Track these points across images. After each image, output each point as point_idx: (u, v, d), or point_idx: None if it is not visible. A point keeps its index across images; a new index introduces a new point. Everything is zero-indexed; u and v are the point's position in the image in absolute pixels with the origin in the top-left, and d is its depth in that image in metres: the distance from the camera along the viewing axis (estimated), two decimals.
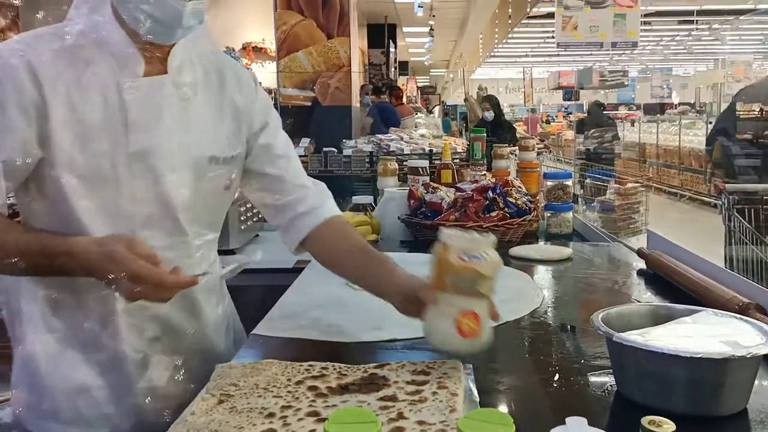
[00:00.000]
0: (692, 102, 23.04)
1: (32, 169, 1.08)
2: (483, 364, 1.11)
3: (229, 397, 0.98)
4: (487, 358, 1.12)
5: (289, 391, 1.00)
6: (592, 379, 1.09)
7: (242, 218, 2.38)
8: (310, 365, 1.09)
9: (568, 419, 0.72)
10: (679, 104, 22.75)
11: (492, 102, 7.78)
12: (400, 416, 0.91)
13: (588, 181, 4.02)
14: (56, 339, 1.15)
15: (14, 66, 1.05)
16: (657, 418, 0.68)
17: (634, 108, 22.61)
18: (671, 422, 0.67)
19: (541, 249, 2.12)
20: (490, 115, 7.61)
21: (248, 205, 2.43)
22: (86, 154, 1.08)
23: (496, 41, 12.44)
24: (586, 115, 10.36)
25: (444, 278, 1.04)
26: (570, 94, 18.50)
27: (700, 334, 0.99)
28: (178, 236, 1.19)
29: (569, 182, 2.59)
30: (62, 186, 1.08)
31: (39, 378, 1.15)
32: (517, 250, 2.05)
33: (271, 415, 0.92)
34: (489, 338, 1.07)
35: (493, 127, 6.86)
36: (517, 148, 3.20)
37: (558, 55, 16.57)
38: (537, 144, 3.31)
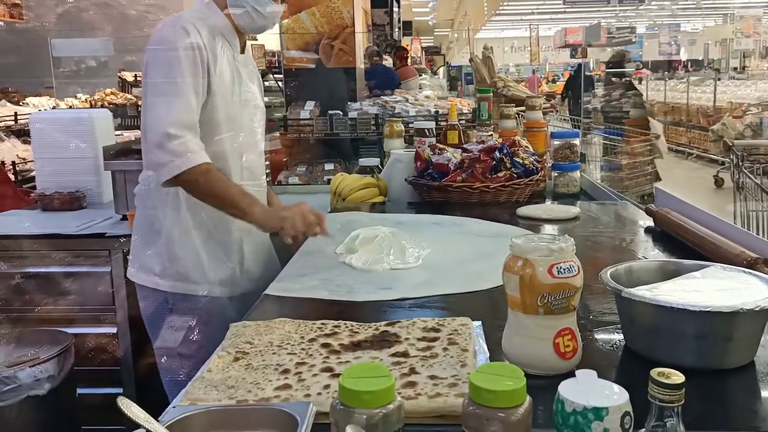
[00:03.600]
0: (701, 58, 22.69)
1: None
2: (492, 321, 1.13)
3: (245, 354, 1.00)
4: (496, 314, 1.13)
5: (302, 349, 1.02)
6: (601, 334, 1.10)
7: None
8: (323, 323, 1.11)
9: (578, 372, 0.73)
10: (688, 60, 22.39)
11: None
12: (413, 371, 0.92)
13: (596, 139, 3.99)
14: (195, 231, 1.71)
15: (195, 45, 1.61)
16: (666, 370, 0.69)
17: (641, 66, 22.28)
18: (680, 374, 0.68)
19: (549, 208, 2.13)
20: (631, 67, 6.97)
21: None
22: (224, 99, 1.68)
23: None
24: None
25: (535, 301, 0.91)
26: (576, 51, 18.24)
27: (708, 289, 1.00)
28: (259, 154, 1.86)
29: (576, 141, 2.57)
30: (214, 122, 1.67)
31: (179, 253, 1.70)
32: (524, 210, 2.06)
33: (286, 371, 0.94)
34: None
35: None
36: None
37: (564, 12, 16.29)
38: (543, 104, 3.28)
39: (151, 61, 1.62)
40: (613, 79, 7.43)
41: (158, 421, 0.77)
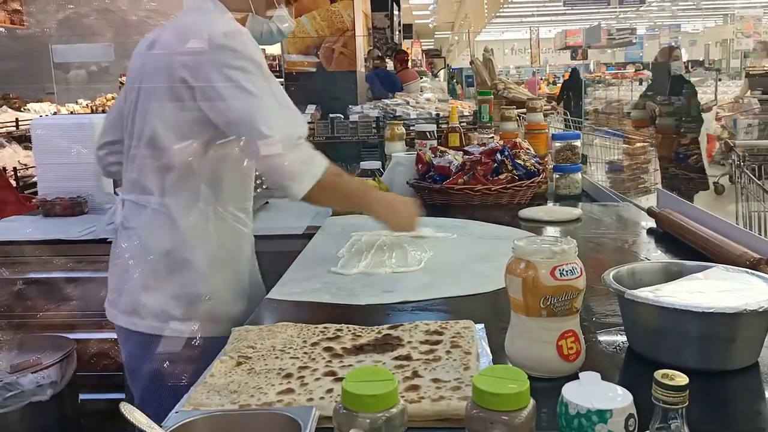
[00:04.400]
0: (701, 59, 22.68)
1: None
2: (495, 323, 1.13)
3: (247, 359, 1.00)
4: (498, 317, 1.13)
5: (305, 353, 1.01)
6: (604, 336, 1.10)
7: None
8: (325, 327, 1.11)
9: (581, 374, 0.73)
10: (689, 61, 22.38)
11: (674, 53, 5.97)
12: (415, 375, 0.92)
13: (597, 141, 3.99)
14: (226, 260, 1.56)
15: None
16: (670, 372, 0.69)
17: (642, 67, 22.25)
18: (684, 375, 0.68)
19: (551, 210, 2.12)
20: (679, 66, 5.80)
21: (257, 173, 2.43)
22: None
23: (502, 1, 12.23)
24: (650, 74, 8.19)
25: (537, 303, 0.91)
26: (576, 53, 18.24)
27: (711, 290, 0.99)
28: None
29: (578, 143, 2.57)
30: None
31: (207, 290, 1.50)
32: (526, 212, 2.06)
33: (289, 375, 0.94)
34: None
35: (675, 84, 5.41)
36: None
37: (564, 14, 16.30)
38: (544, 105, 3.28)
39: (239, 67, 1.42)
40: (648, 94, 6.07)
41: (161, 426, 0.77)
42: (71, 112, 5.17)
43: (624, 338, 1.06)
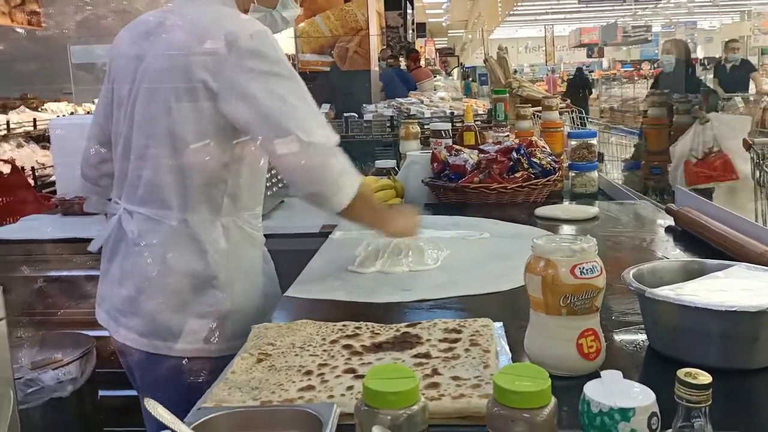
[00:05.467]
0: (718, 56, 22.46)
1: None
2: (513, 322, 1.13)
3: (267, 356, 1.01)
4: (516, 315, 1.13)
5: (324, 350, 1.02)
6: (624, 335, 1.10)
7: (267, 184, 2.39)
8: (344, 325, 1.11)
9: (603, 373, 0.73)
10: (705, 58, 22.15)
11: (678, 46, 5.49)
12: (435, 372, 0.92)
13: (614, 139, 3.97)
14: (258, 274, 1.53)
15: None
16: (693, 370, 0.68)
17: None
18: (707, 374, 0.68)
19: (567, 208, 2.11)
20: (668, 61, 5.40)
21: (272, 171, 2.44)
22: None
23: None
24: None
25: (557, 301, 0.91)
26: (592, 51, 18.14)
27: (733, 288, 0.99)
28: None
29: (594, 141, 2.56)
30: None
31: (237, 305, 1.42)
32: (542, 210, 2.05)
33: (309, 372, 0.94)
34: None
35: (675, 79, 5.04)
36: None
37: (579, 11, 16.22)
38: (560, 103, 3.26)
39: (269, 71, 1.34)
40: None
41: (183, 422, 0.78)
42: (88, 112, 5.22)
43: (644, 337, 1.06)
